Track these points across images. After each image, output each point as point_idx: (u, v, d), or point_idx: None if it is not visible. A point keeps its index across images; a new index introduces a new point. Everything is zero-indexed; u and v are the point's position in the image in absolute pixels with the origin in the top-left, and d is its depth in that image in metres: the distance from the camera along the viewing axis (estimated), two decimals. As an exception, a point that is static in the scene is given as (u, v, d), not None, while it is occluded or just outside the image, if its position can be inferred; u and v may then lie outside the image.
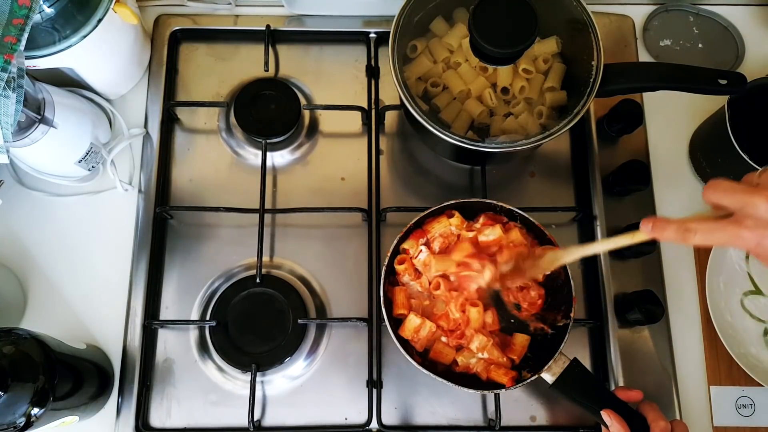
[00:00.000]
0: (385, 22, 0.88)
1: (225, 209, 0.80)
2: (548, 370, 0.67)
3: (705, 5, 0.92)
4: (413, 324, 0.69)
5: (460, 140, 0.69)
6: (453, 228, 0.73)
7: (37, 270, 0.79)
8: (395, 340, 0.68)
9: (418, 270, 0.72)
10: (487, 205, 0.73)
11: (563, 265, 0.69)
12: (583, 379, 0.67)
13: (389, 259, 0.71)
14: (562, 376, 0.66)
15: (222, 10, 0.90)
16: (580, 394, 0.67)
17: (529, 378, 0.67)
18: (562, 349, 0.67)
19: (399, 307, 0.71)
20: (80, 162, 0.77)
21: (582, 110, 0.69)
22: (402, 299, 0.71)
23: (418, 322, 0.69)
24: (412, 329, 0.69)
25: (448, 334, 0.70)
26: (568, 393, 0.67)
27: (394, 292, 0.72)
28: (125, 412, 0.74)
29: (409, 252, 0.72)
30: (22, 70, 0.62)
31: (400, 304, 0.71)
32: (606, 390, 0.68)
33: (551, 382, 0.67)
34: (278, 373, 0.76)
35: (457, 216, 0.73)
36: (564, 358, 0.67)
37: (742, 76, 0.70)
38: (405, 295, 0.72)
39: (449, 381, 0.66)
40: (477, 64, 0.74)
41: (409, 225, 0.72)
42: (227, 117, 0.86)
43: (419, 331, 0.69)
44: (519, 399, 0.76)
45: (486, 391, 0.69)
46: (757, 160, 0.73)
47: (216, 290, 0.79)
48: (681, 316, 0.79)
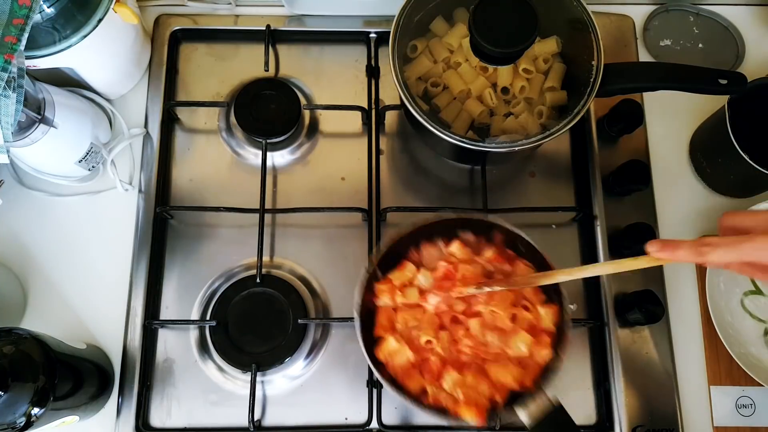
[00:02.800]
0: (385, 22, 0.88)
1: (225, 209, 0.80)
2: (524, 407, 0.59)
3: (705, 5, 0.92)
4: (390, 347, 0.64)
5: (460, 140, 0.69)
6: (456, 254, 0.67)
7: (37, 270, 0.79)
8: (367, 358, 0.63)
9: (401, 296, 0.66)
10: (487, 226, 0.67)
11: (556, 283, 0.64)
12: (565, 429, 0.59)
13: (370, 275, 0.65)
14: (541, 426, 0.59)
15: (222, 10, 0.90)
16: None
17: (503, 413, 0.61)
18: (543, 387, 0.60)
19: (379, 329, 0.65)
20: (80, 162, 0.77)
21: (582, 110, 0.69)
22: (384, 321, 0.65)
23: (395, 347, 0.63)
24: (388, 352, 0.64)
25: (423, 370, 0.64)
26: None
27: (378, 310, 0.66)
28: (125, 412, 0.74)
29: (394, 282, 0.66)
30: (22, 70, 0.62)
31: (380, 326, 0.65)
32: None
33: (528, 425, 0.59)
34: (278, 373, 0.76)
35: (458, 245, 0.67)
36: (545, 400, 0.59)
37: (742, 76, 0.70)
38: (387, 316, 0.66)
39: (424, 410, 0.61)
40: (477, 64, 0.74)
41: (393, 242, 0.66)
42: (227, 117, 0.86)
43: (395, 356, 0.64)
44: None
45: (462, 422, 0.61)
46: (757, 160, 0.73)
47: (216, 290, 0.79)
48: (681, 316, 0.79)
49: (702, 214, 0.84)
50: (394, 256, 0.68)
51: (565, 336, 0.63)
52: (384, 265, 0.67)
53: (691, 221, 0.83)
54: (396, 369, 0.64)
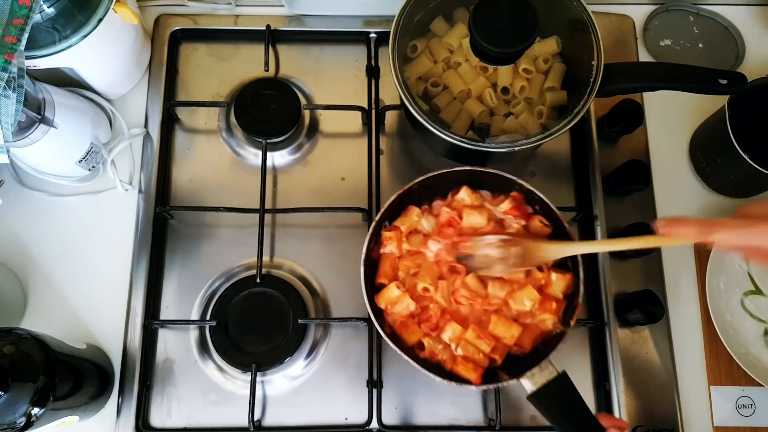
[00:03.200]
0: (385, 22, 0.88)
1: (225, 209, 0.80)
2: (530, 377, 0.61)
3: (705, 5, 0.92)
4: (391, 294, 0.64)
5: (460, 140, 0.69)
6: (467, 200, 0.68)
7: (37, 270, 0.79)
8: (368, 306, 0.64)
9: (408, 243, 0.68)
10: (505, 180, 0.68)
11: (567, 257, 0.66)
12: (567, 396, 0.61)
13: (376, 223, 0.67)
14: (545, 388, 0.61)
15: (222, 10, 0.90)
16: (560, 413, 0.61)
17: (506, 381, 0.62)
18: (551, 358, 0.62)
19: (381, 276, 0.66)
20: (80, 162, 0.77)
21: (582, 110, 0.69)
22: (387, 268, 0.67)
23: (396, 294, 0.64)
24: (388, 300, 0.65)
25: (421, 320, 0.65)
26: (547, 407, 0.61)
27: (381, 257, 0.67)
28: (125, 412, 0.74)
29: (401, 229, 0.68)
30: (22, 70, 0.62)
31: (383, 273, 0.66)
32: (590, 414, 0.61)
33: (530, 391, 0.61)
34: (278, 373, 0.76)
35: (465, 190, 0.69)
36: (551, 368, 0.61)
37: (742, 76, 0.70)
38: (391, 264, 0.67)
39: (417, 364, 0.61)
40: (477, 64, 0.74)
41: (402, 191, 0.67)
42: (227, 117, 0.86)
43: (395, 304, 0.64)
44: (519, 399, 0.76)
45: (454, 383, 0.63)
46: (757, 160, 0.73)
47: (216, 290, 0.79)
48: (681, 316, 0.79)
49: (702, 214, 0.84)
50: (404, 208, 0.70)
51: (577, 305, 0.64)
52: (393, 217, 0.69)
53: (691, 221, 0.83)
54: (395, 319, 0.65)
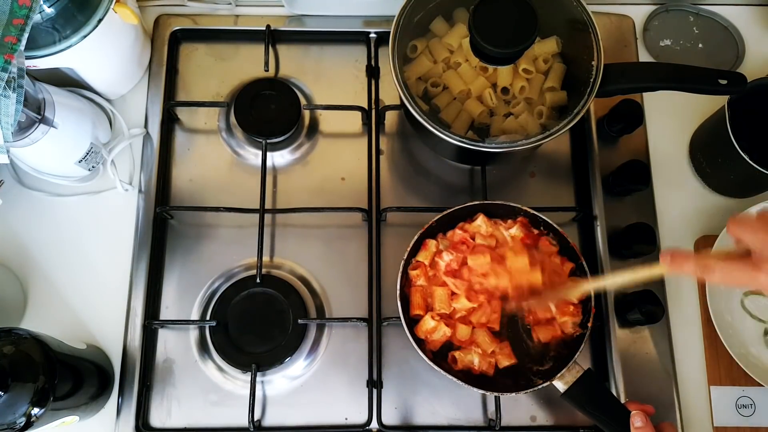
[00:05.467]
0: (385, 22, 0.88)
1: (225, 209, 0.80)
2: (561, 378, 0.67)
3: (705, 5, 0.92)
4: (428, 326, 0.70)
5: (460, 140, 0.69)
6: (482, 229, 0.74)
7: (37, 270, 0.79)
8: (410, 338, 0.69)
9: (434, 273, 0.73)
10: (511, 208, 0.74)
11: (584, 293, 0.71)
12: (595, 389, 0.68)
13: (403, 266, 0.72)
14: (575, 386, 0.67)
15: (222, 10, 0.90)
16: (591, 405, 0.67)
17: (541, 384, 0.67)
18: (576, 358, 0.67)
19: (415, 307, 0.71)
20: (80, 162, 0.77)
21: (582, 110, 0.69)
22: (418, 300, 0.72)
23: (433, 325, 0.70)
24: (426, 330, 0.70)
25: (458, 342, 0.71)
26: (580, 403, 0.67)
27: (411, 292, 0.72)
28: (125, 412, 0.74)
29: (423, 263, 0.73)
30: (22, 70, 0.62)
31: (416, 304, 0.71)
32: (618, 402, 0.68)
33: (562, 390, 0.67)
34: (278, 373, 0.76)
35: (482, 218, 0.74)
36: (578, 368, 0.67)
37: (742, 76, 0.70)
38: (421, 295, 0.72)
39: (459, 380, 0.67)
40: (477, 64, 0.74)
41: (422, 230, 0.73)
42: (227, 117, 0.86)
43: (433, 333, 0.70)
44: (519, 399, 0.76)
45: (496, 393, 0.69)
46: (757, 160, 0.73)
47: (216, 290, 0.79)
48: (681, 316, 0.79)
49: (702, 214, 0.84)
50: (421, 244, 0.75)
51: (591, 309, 0.70)
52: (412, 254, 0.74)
53: (691, 221, 0.83)
54: (437, 346, 0.71)
